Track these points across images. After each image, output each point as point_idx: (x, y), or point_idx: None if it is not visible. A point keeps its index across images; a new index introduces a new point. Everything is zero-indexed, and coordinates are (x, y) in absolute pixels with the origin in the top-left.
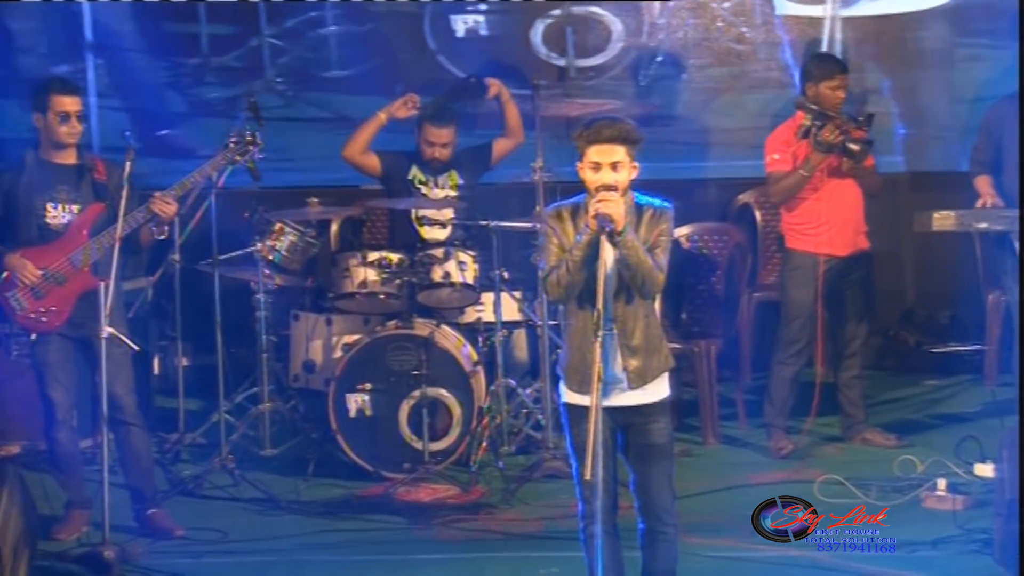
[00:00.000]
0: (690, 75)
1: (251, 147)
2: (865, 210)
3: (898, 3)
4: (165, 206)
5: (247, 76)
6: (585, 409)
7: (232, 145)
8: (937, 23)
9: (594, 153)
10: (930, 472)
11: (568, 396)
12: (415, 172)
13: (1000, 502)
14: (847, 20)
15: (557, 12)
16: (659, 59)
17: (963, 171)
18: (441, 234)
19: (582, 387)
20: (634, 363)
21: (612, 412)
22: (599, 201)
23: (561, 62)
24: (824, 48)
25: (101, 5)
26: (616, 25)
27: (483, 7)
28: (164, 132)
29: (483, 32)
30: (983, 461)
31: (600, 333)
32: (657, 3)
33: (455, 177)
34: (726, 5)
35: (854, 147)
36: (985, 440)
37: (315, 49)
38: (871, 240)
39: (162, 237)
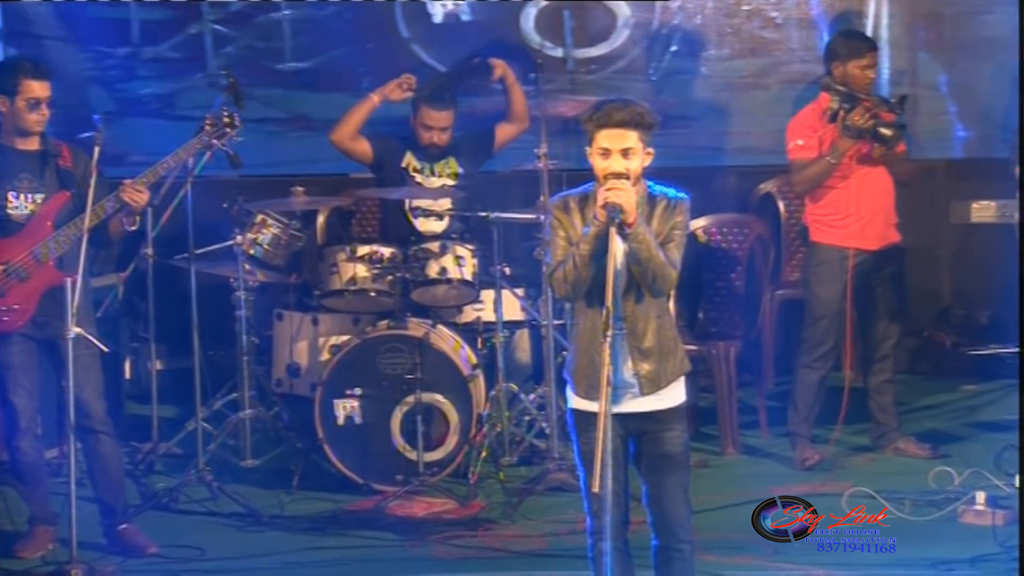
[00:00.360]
0: (710, 68)
1: (229, 130)
2: (896, 200)
3: None
4: (136, 194)
5: (185, 69)
6: (594, 416)
7: (208, 128)
8: (1004, 4)
9: (604, 138)
10: (968, 485)
11: (575, 402)
12: (409, 159)
13: (1020, 537)
14: (898, 3)
15: None
16: (673, 49)
17: (1003, 158)
18: (437, 226)
19: (590, 392)
20: (646, 367)
21: (623, 419)
22: (608, 190)
23: (558, 52)
24: (869, 34)
25: None
26: (622, 8)
27: None
28: (87, 135)
29: (465, 17)
30: None
31: (609, 333)
32: None
33: (454, 165)
34: None
35: (886, 132)
36: None
37: (266, 37)
38: (903, 232)
39: (133, 228)
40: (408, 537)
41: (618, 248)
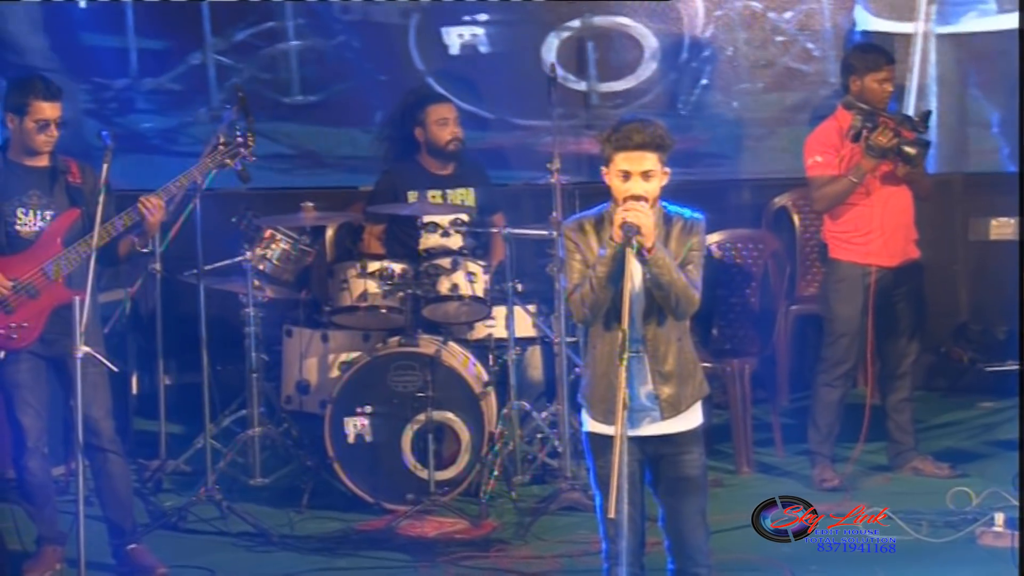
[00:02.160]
0: (743, 103)
1: (243, 149)
2: (915, 215)
3: (1008, 19)
4: (154, 208)
5: (187, 102)
6: (610, 439)
7: (221, 147)
8: None
9: (623, 161)
10: (986, 505)
11: (591, 425)
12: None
13: (1020, 542)
14: (945, 38)
15: (576, 23)
16: (703, 83)
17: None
18: (448, 242)
19: (608, 416)
20: (667, 391)
21: (641, 442)
22: (626, 211)
23: (581, 86)
24: (915, 73)
25: (2, 9)
26: (649, 40)
27: (483, 17)
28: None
29: (483, 48)
30: None
31: (626, 356)
32: (701, 13)
33: (470, 196)
34: (788, 15)
35: (910, 150)
36: None
37: (272, 69)
38: (921, 248)
39: (145, 250)
40: (419, 557)
41: (635, 270)
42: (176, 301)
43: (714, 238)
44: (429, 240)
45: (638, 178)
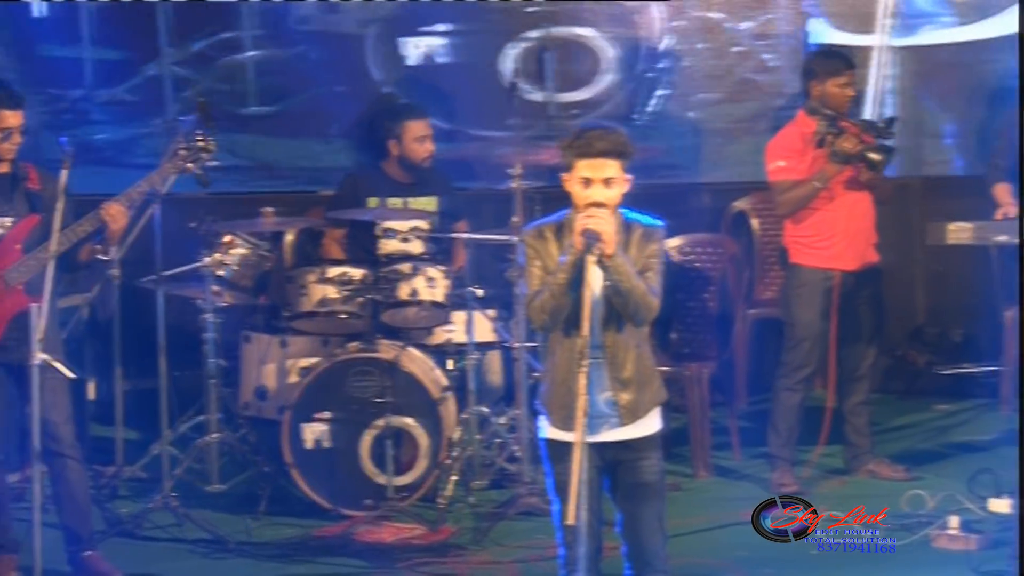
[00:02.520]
0: (700, 113)
1: (203, 154)
2: (874, 219)
3: (967, 30)
4: (118, 214)
5: (142, 114)
6: (569, 446)
7: (182, 151)
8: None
9: (584, 168)
10: (941, 508)
11: (550, 432)
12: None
13: (1019, 543)
14: (902, 51)
15: (534, 34)
16: (660, 93)
17: (980, 176)
18: (408, 248)
19: (567, 422)
20: (625, 397)
21: (600, 448)
22: (587, 217)
23: (539, 96)
24: (872, 85)
25: None
26: (607, 51)
27: (441, 27)
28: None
29: (440, 59)
30: (999, 496)
31: (585, 363)
32: (659, 23)
33: (432, 204)
34: (745, 26)
35: (875, 156)
36: (1002, 472)
37: (229, 79)
38: (879, 252)
39: (106, 257)
40: (377, 563)
41: (595, 277)
42: (134, 307)
43: (673, 242)
44: (389, 246)
45: (599, 185)
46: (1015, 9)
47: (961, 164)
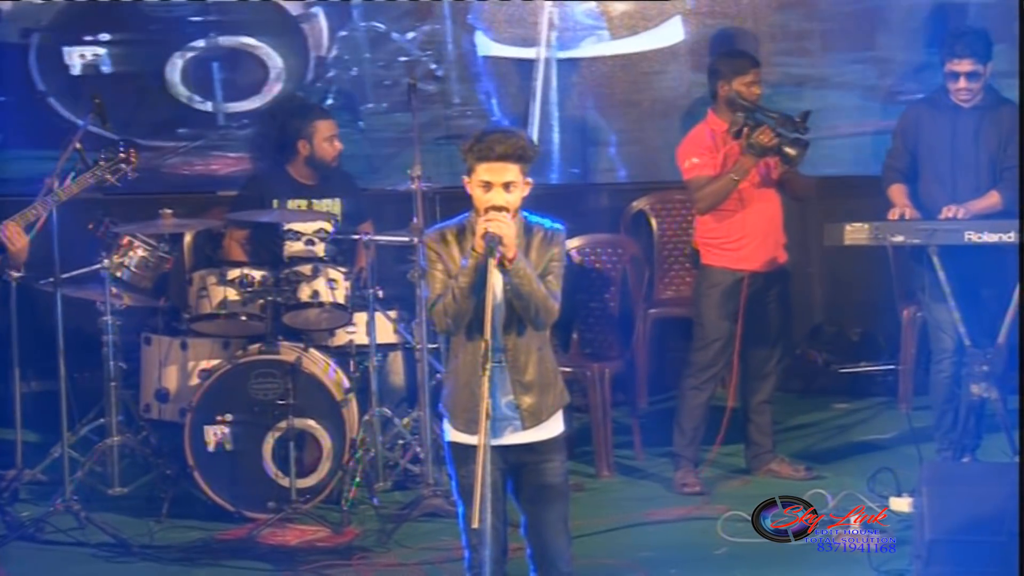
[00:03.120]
0: (368, 122)
1: (124, 165)
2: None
3: (629, 43)
4: (15, 239)
5: None
6: (473, 449)
7: (103, 162)
8: (674, 62)
9: (484, 171)
10: (842, 507)
11: (453, 435)
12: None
13: (919, 542)
14: (567, 63)
15: (200, 43)
16: (329, 102)
17: (876, 175)
18: (312, 250)
19: (470, 425)
20: (527, 400)
21: (503, 451)
22: (488, 221)
23: (207, 106)
24: (538, 96)
25: None
26: (274, 61)
27: (105, 37)
28: None
29: (106, 68)
30: (899, 495)
31: (488, 366)
32: (326, 34)
33: (336, 206)
34: (410, 36)
35: (790, 150)
36: (901, 471)
37: None
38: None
39: (18, 274)
40: (281, 566)
41: (497, 280)
42: (32, 309)
43: (573, 243)
44: (293, 247)
45: (500, 189)
46: (676, 21)
47: (624, 173)
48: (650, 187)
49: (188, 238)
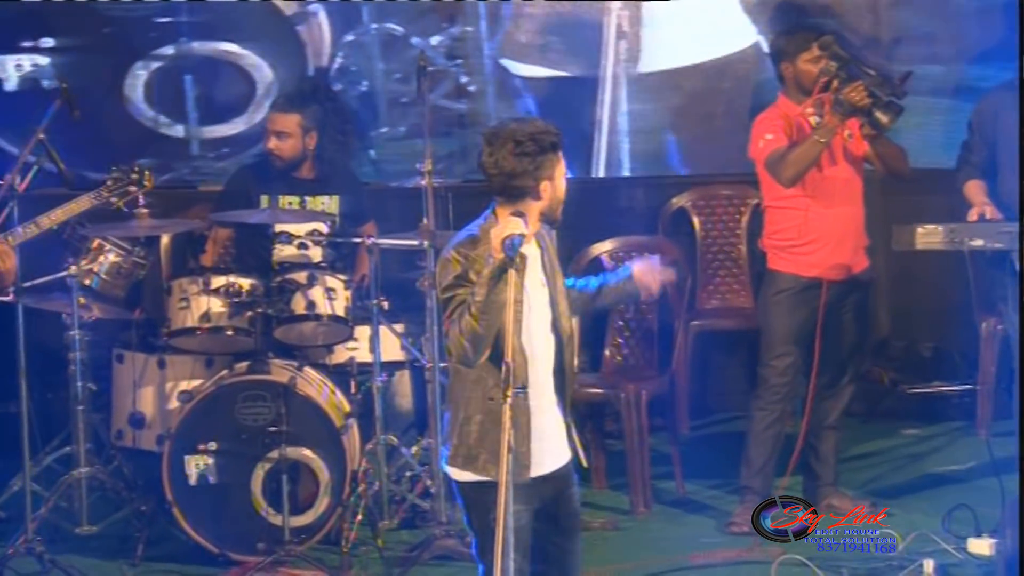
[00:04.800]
0: (381, 150)
1: (133, 188)
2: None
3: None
4: (4, 258)
5: None
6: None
7: (110, 183)
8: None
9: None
10: (914, 550)
11: (468, 474)
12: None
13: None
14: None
15: (169, 51)
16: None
17: (949, 169)
18: (306, 255)
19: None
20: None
21: (541, 482)
22: (506, 225)
23: (177, 131)
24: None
25: None
26: (263, 73)
27: (49, 43)
28: None
29: (48, 82)
30: (979, 535)
31: (510, 393)
32: (327, 39)
33: (334, 204)
34: (435, 41)
35: (882, 116)
36: (981, 508)
37: None
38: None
39: (7, 299)
40: None
41: (520, 294)
42: None
43: (604, 246)
44: (283, 252)
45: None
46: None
47: (662, 164)
48: (692, 181)
49: (166, 241)
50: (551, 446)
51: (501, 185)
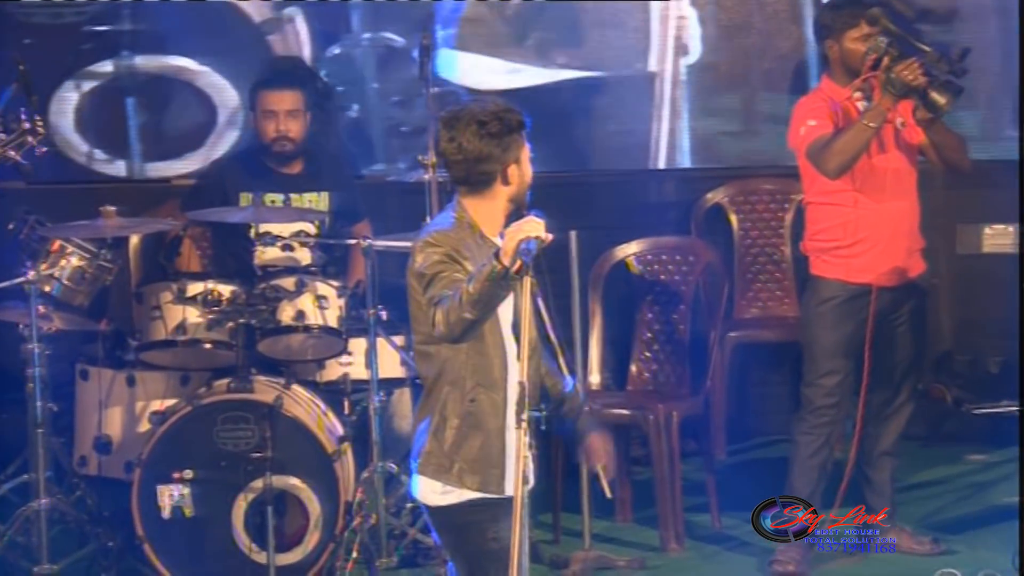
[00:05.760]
0: None
1: (30, 137)
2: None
3: None
4: None
5: None
6: (506, 503)
7: (2, 135)
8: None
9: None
10: None
11: (466, 492)
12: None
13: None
14: None
15: (107, 68)
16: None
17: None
18: (292, 258)
19: (487, 481)
20: None
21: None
22: (525, 224)
23: (118, 168)
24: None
25: None
26: (224, 97)
27: None
28: None
29: None
30: None
31: (525, 415)
32: (307, 51)
33: (323, 201)
34: None
35: (938, 96)
36: None
37: None
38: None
39: None
40: None
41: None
42: None
43: (630, 248)
44: (267, 255)
45: None
46: None
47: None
48: (729, 174)
49: (135, 242)
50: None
51: (465, 172)
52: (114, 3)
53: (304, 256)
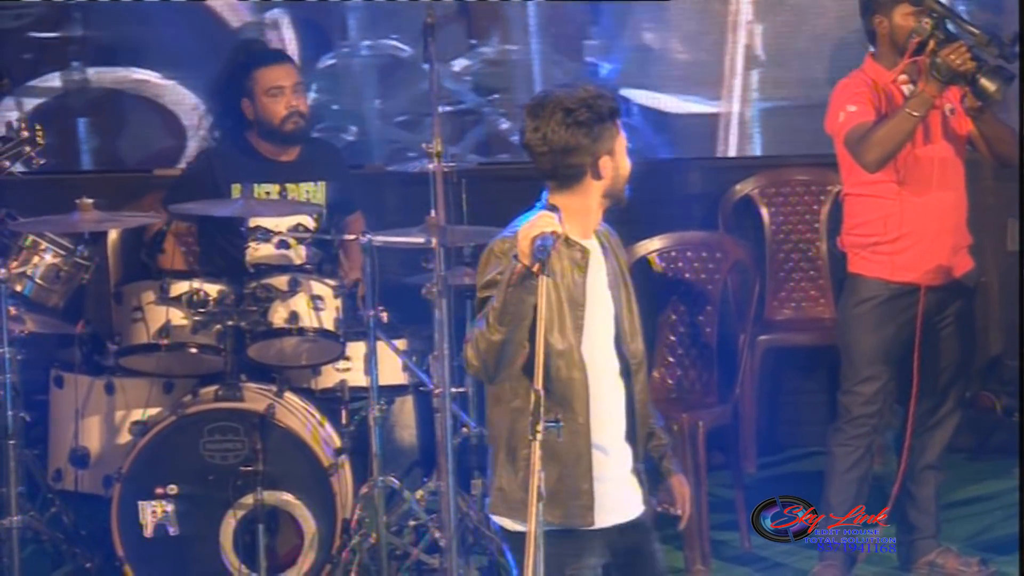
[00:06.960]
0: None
1: (27, 147)
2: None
3: None
4: None
5: None
6: (579, 537)
7: None
8: None
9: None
10: None
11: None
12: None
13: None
14: None
15: (55, 83)
16: None
17: None
18: (286, 255)
19: (575, 510)
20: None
21: (616, 534)
22: (537, 221)
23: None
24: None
25: None
26: (192, 117)
27: None
28: None
29: None
30: None
31: (540, 427)
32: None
33: (320, 192)
34: (458, 67)
35: (988, 82)
36: None
37: None
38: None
39: None
40: None
41: (583, 297)
42: None
43: (653, 244)
44: (259, 252)
45: None
46: None
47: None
48: (760, 164)
49: (114, 237)
50: (618, 490)
51: (551, 165)
52: (63, 4)
53: (299, 253)
